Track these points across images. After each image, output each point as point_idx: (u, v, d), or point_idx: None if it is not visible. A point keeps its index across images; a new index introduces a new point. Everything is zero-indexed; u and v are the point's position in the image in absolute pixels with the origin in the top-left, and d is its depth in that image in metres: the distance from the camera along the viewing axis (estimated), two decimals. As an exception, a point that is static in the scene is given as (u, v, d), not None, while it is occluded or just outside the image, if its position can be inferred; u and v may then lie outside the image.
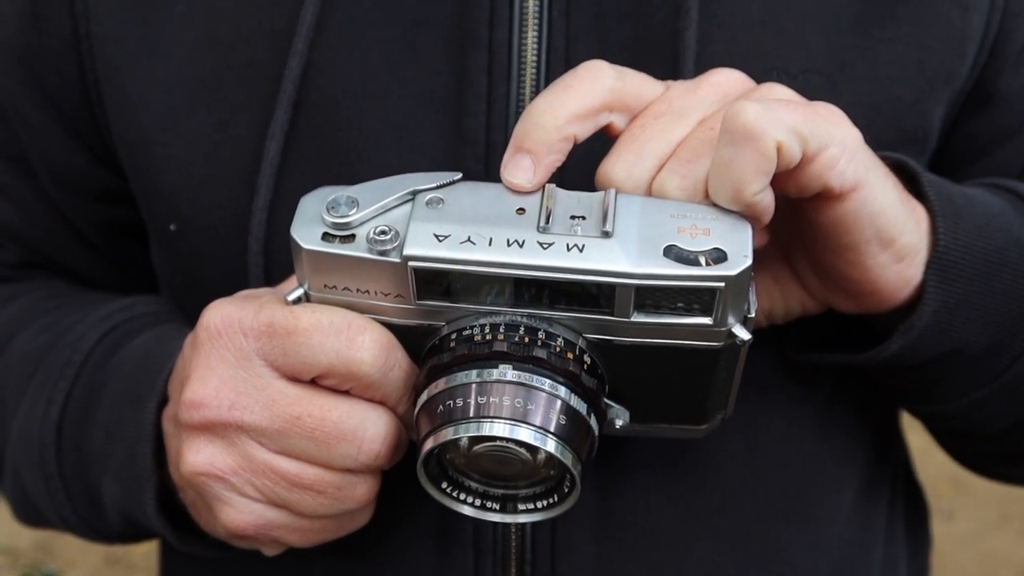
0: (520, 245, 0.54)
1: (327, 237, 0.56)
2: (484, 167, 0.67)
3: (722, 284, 0.53)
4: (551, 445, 0.55)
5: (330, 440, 0.58)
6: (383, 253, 0.55)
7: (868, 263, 0.61)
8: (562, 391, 0.55)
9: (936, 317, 0.64)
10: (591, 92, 0.57)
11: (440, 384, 0.56)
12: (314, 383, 0.59)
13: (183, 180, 0.71)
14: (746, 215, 0.56)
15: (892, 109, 0.69)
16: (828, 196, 0.57)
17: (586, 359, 0.57)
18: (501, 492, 0.59)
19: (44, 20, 0.74)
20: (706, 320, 0.55)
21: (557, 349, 0.56)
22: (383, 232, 0.55)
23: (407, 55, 0.68)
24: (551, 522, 0.71)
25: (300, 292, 0.58)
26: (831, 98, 0.59)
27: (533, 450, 0.56)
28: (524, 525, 0.72)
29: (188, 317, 0.76)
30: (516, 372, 0.55)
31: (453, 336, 0.57)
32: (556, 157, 0.57)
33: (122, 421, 0.70)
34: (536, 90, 0.67)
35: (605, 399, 0.59)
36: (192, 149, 0.71)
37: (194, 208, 0.71)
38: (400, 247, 0.55)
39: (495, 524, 0.71)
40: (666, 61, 0.67)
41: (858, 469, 0.79)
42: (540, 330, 0.56)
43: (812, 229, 0.60)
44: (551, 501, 0.59)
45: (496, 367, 0.55)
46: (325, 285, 0.57)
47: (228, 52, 0.70)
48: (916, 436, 0.89)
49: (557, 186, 0.57)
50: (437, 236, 0.54)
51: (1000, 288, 0.66)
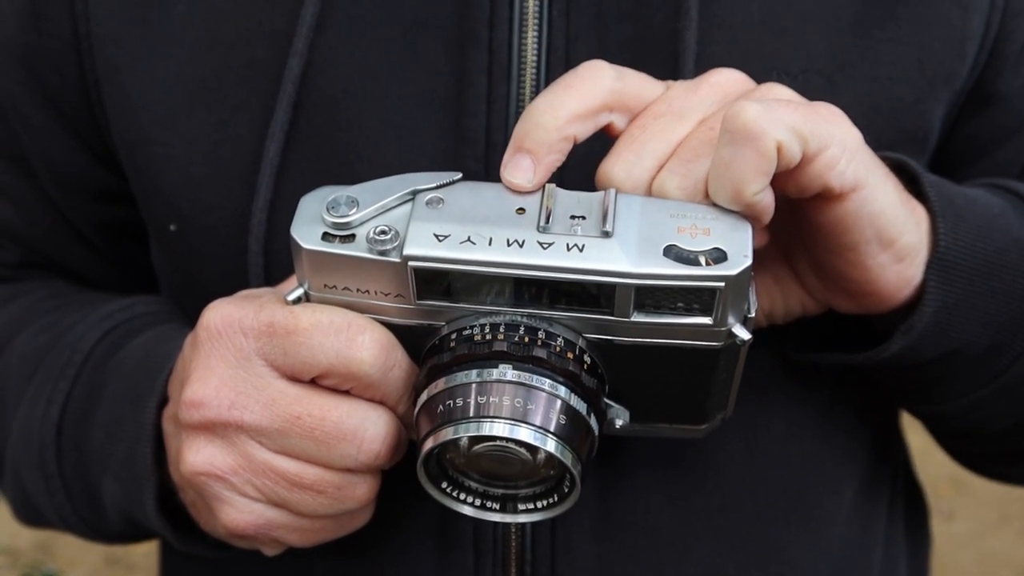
0: (520, 245, 0.54)
1: (327, 237, 0.56)
2: (484, 167, 0.67)
3: (722, 284, 0.53)
4: (551, 445, 0.55)
5: (330, 440, 0.58)
6: (383, 253, 0.55)
7: (868, 263, 0.61)
8: (562, 391, 0.55)
9: (936, 317, 0.64)
10: (591, 92, 0.57)
11: (440, 384, 0.56)
12: (314, 383, 0.59)
13: (183, 180, 0.71)
14: (746, 215, 0.55)
15: (892, 109, 0.69)
16: (828, 196, 0.57)
17: (586, 359, 0.57)
18: (501, 492, 0.59)
19: (44, 20, 0.74)
20: (706, 320, 0.55)
21: (557, 349, 0.56)
22: (383, 232, 0.55)
23: (407, 55, 0.68)
24: (551, 522, 0.71)
25: (300, 292, 0.58)
26: (831, 98, 0.59)
27: (533, 450, 0.56)
28: (524, 525, 0.72)
29: (188, 317, 0.76)
30: (516, 372, 0.55)
31: (453, 336, 0.57)
32: (556, 157, 0.57)
33: (122, 421, 0.70)
34: (536, 90, 0.67)
35: (605, 399, 0.59)
36: (192, 149, 0.71)
37: (194, 208, 0.71)
38: (400, 247, 0.55)
39: (495, 524, 0.71)
40: (666, 61, 0.67)
41: (858, 469, 0.79)
42: (540, 330, 0.56)
43: (812, 229, 0.60)
44: (551, 501, 0.59)
45: (496, 367, 0.55)
46: (325, 285, 0.57)
47: (228, 52, 0.70)
48: (916, 436, 0.89)
49: (557, 186, 0.57)
50: (437, 236, 0.54)
51: (1000, 288, 0.66)
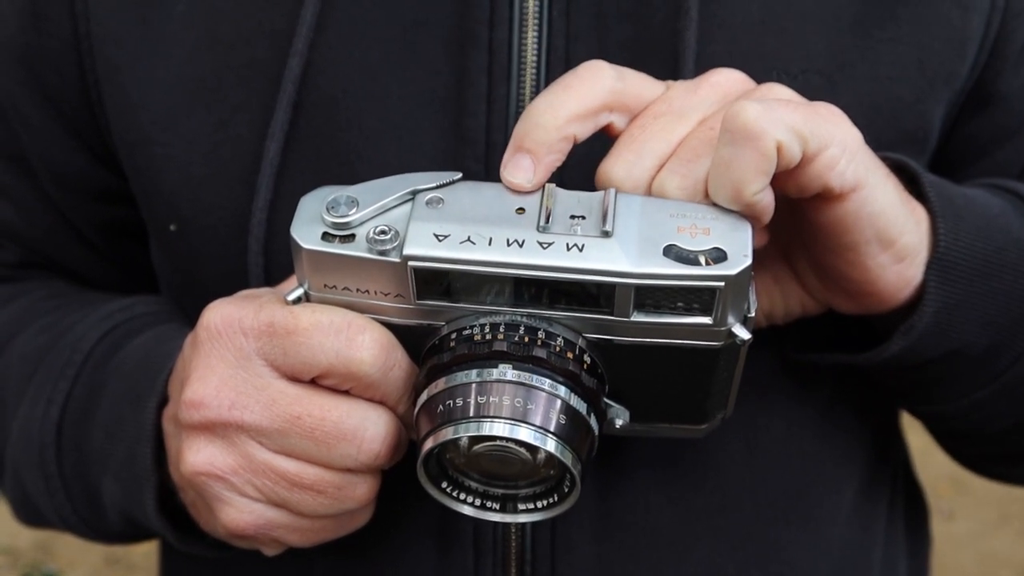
0: (520, 245, 0.54)
1: (327, 237, 0.56)
2: (484, 167, 0.67)
3: (722, 284, 0.53)
4: (551, 445, 0.55)
5: (330, 440, 0.58)
6: (383, 253, 0.55)
7: (868, 263, 0.61)
8: (562, 391, 0.55)
9: (936, 318, 0.64)
10: (591, 92, 0.57)
11: (440, 384, 0.56)
12: (314, 383, 0.59)
13: (183, 180, 0.71)
14: (746, 215, 0.55)
15: (892, 109, 0.69)
16: (828, 196, 0.57)
17: (586, 359, 0.57)
18: (501, 492, 0.59)
19: (44, 20, 0.74)
20: (706, 320, 0.55)
21: (557, 349, 0.56)
22: (383, 232, 0.55)
23: (407, 55, 0.68)
24: (551, 522, 0.71)
25: (300, 292, 0.58)
26: (831, 98, 0.59)
27: (533, 450, 0.56)
28: (524, 525, 0.72)
29: (188, 317, 0.76)
30: (516, 372, 0.55)
31: (453, 336, 0.57)
32: (556, 157, 0.57)
33: (122, 421, 0.70)
34: (536, 90, 0.67)
35: (605, 399, 0.59)
36: (192, 149, 0.71)
37: (194, 208, 0.71)
38: (400, 247, 0.55)
39: (495, 524, 0.71)
40: (666, 61, 0.66)
41: (858, 469, 0.79)
42: (540, 330, 0.56)
43: (812, 229, 0.60)
44: (551, 501, 0.59)
45: (496, 367, 0.55)
46: (325, 285, 0.57)
47: (228, 52, 0.70)
48: (916, 436, 0.89)
49: (557, 186, 0.57)
50: (437, 236, 0.54)
51: (1000, 289, 0.66)
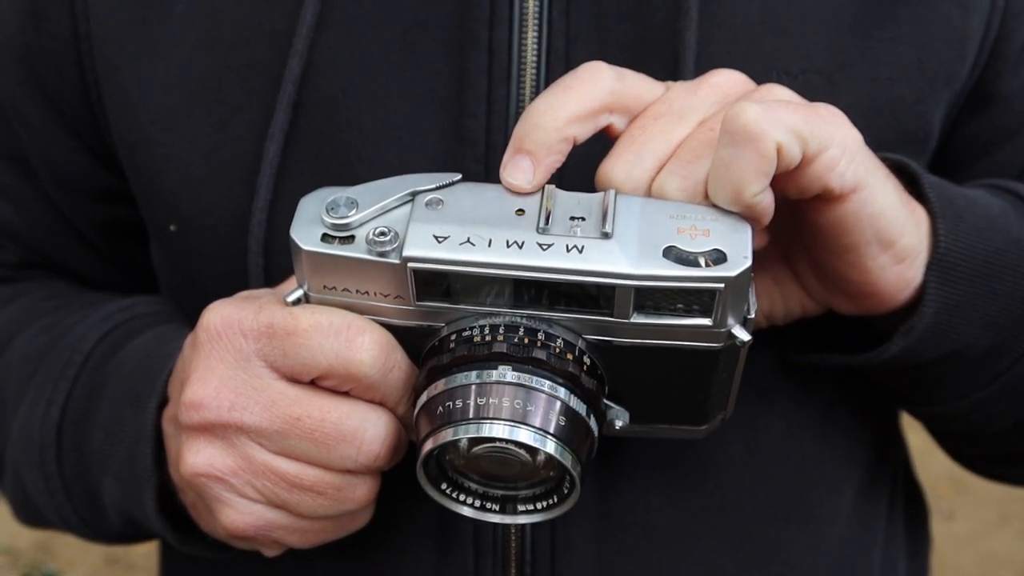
0: (519, 246, 0.54)
1: (326, 238, 0.56)
2: (484, 168, 0.67)
3: (722, 285, 0.53)
4: (551, 446, 0.55)
5: (330, 441, 0.58)
6: (382, 254, 0.55)
7: (868, 264, 0.61)
8: (561, 392, 0.55)
9: (936, 319, 0.64)
10: (591, 93, 0.57)
11: (440, 385, 0.56)
12: (314, 384, 0.59)
13: (183, 180, 0.71)
14: (746, 216, 0.55)
15: (892, 110, 0.69)
16: (828, 197, 0.57)
17: (586, 360, 0.57)
18: (501, 493, 0.59)
19: (44, 20, 0.74)
20: (706, 321, 0.55)
21: (557, 350, 0.56)
22: (382, 233, 0.55)
23: (407, 55, 0.68)
24: (551, 522, 0.71)
25: (300, 293, 0.58)
26: (831, 99, 0.59)
27: (533, 451, 0.56)
28: (524, 526, 0.72)
29: (188, 317, 0.76)
30: (516, 373, 0.55)
31: (453, 337, 0.57)
32: (556, 158, 0.57)
33: (122, 422, 0.70)
34: (536, 91, 0.67)
35: (605, 400, 0.59)
36: (192, 149, 0.71)
37: (194, 208, 0.71)
38: (399, 248, 0.55)
39: (495, 525, 0.71)
40: (666, 62, 0.66)
41: (858, 469, 0.79)
42: (540, 331, 0.56)
43: (812, 230, 0.60)
44: (551, 502, 0.59)
45: (496, 368, 0.55)
46: (324, 286, 0.57)
47: (228, 52, 0.70)
48: (916, 436, 0.89)
49: (557, 187, 0.57)
50: (436, 237, 0.54)
51: (1001, 290, 0.66)
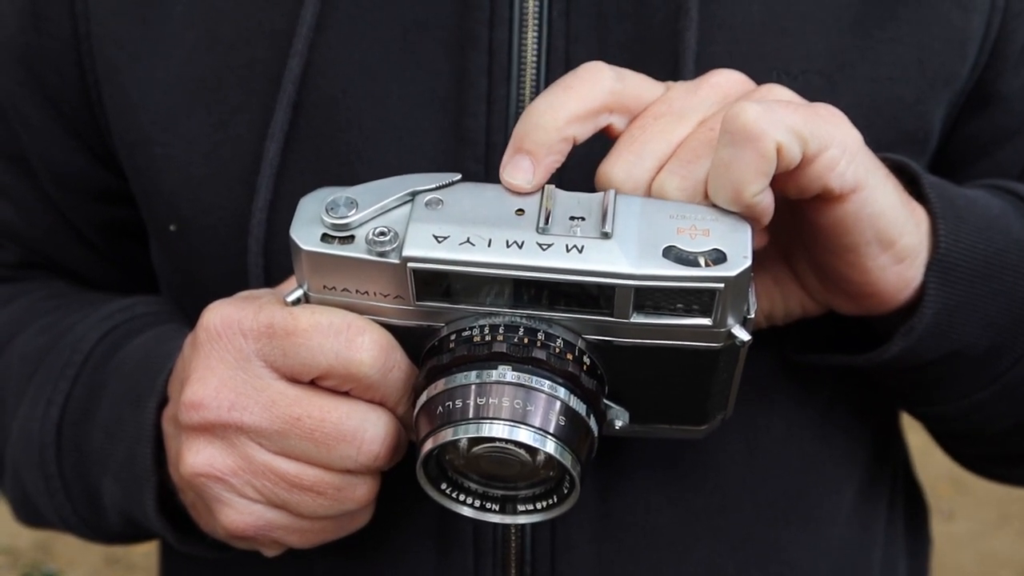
0: (519, 246, 0.54)
1: (326, 238, 0.56)
2: (484, 168, 0.67)
3: (721, 285, 0.53)
4: (550, 446, 0.55)
5: (329, 441, 0.58)
6: (382, 254, 0.55)
7: (868, 264, 0.61)
8: (561, 392, 0.55)
9: (937, 319, 0.64)
10: (591, 93, 0.57)
11: (439, 385, 0.56)
12: (314, 384, 0.59)
13: (183, 180, 0.71)
14: (746, 216, 0.55)
15: (892, 110, 0.69)
16: (828, 197, 0.57)
17: (585, 360, 0.57)
18: (501, 493, 0.59)
19: (44, 20, 0.74)
20: (706, 321, 0.55)
21: (556, 350, 0.56)
22: (382, 233, 0.55)
23: (407, 56, 0.68)
24: (551, 522, 0.71)
25: (299, 293, 0.58)
26: (831, 99, 0.59)
27: (532, 451, 0.56)
28: (524, 526, 0.72)
29: (188, 317, 0.76)
30: (515, 373, 0.55)
31: (452, 337, 0.57)
32: (555, 158, 0.57)
33: (122, 421, 0.70)
34: (536, 91, 0.67)
35: (605, 400, 0.59)
36: (192, 149, 0.71)
37: (194, 208, 0.71)
38: (399, 248, 0.55)
39: (495, 525, 0.71)
40: (666, 62, 0.66)
41: (858, 469, 0.79)
42: (539, 331, 0.56)
43: (812, 230, 0.60)
44: (551, 502, 0.59)
45: (495, 368, 0.55)
46: (324, 286, 0.57)
47: (228, 52, 0.70)
48: (916, 436, 0.89)
49: (556, 187, 0.57)
50: (436, 237, 0.54)
51: (1001, 290, 0.66)
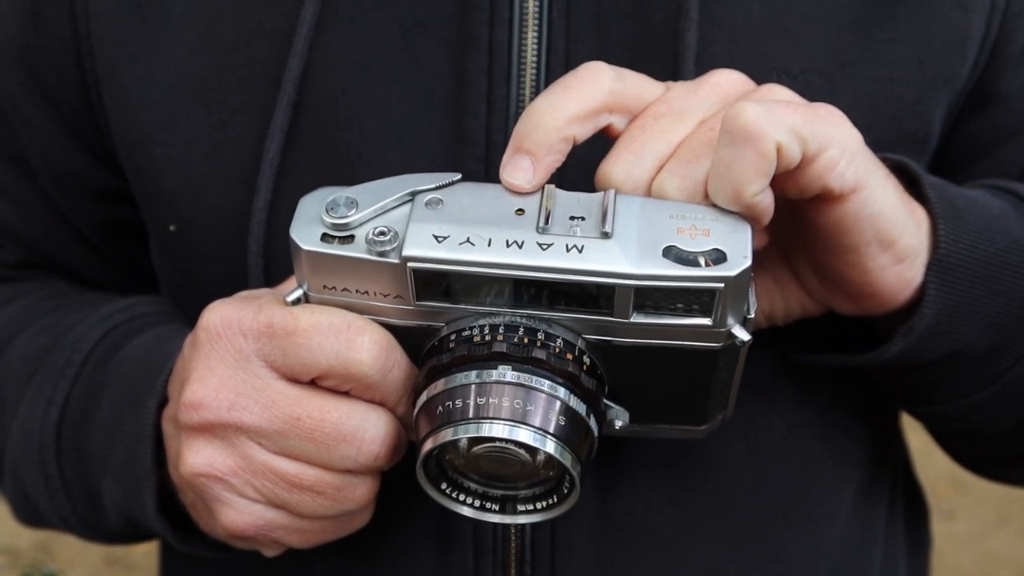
0: (519, 246, 0.54)
1: (326, 238, 0.56)
2: (484, 168, 0.67)
3: (721, 285, 0.53)
4: (550, 446, 0.55)
5: (329, 441, 0.58)
6: (382, 254, 0.55)
7: (868, 265, 0.61)
8: (561, 392, 0.55)
9: (937, 319, 0.64)
10: (591, 93, 0.57)
11: (439, 385, 0.56)
12: (314, 384, 0.59)
13: (183, 180, 0.71)
14: (746, 216, 0.55)
15: (892, 110, 0.69)
16: (828, 197, 0.57)
17: (585, 360, 0.57)
18: (500, 493, 0.59)
19: (44, 20, 0.74)
20: (706, 321, 0.55)
21: (556, 350, 0.56)
22: (382, 233, 0.55)
23: (407, 56, 0.68)
24: (551, 522, 0.71)
25: (299, 293, 0.58)
26: (831, 99, 0.59)
27: (532, 451, 0.56)
28: (524, 526, 0.72)
29: (188, 317, 0.76)
30: (515, 373, 0.55)
31: (452, 337, 0.57)
32: (555, 158, 0.57)
33: (122, 421, 0.70)
34: (536, 91, 0.67)
35: (605, 400, 0.59)
36: (192, 149, 0.71)
37: (194, 208, 0.71)
38: (399, 248, 0.55)
39: (495, 525, 0.71)
40: (666, 62, 0.66)
41: (858, 470, 0.79)
42: (539, 331, 0.56)
43: (812, 230, 0.60)
44: (551, 502, 0.59)
45: (495, 368, 0.55)
46: (324, 286, 0.57)
47: (228, 52, 0.70)
48: (916, 436, 0.89)
49: (556, 187, 0.57)
50: (436, 237, 0.54)
51: (1001, 290, 0.66)
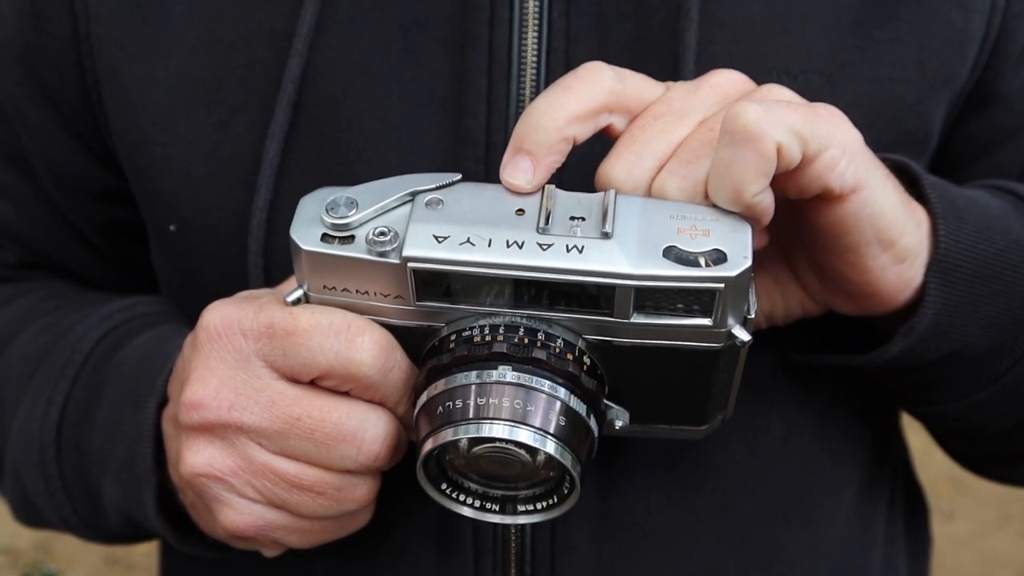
0: (519, 246, 0.54)
1: (326, 238, 0.56)
2: (484, 168, 0.67)
3: (722, 285, 0.53)
4: (550, 446, 0.55)
5: (330, 441, 0.58)
6: (382, 254, 0.55)
7: (868, 265, 0.61)
8: (561, 392, 0.55)
9: (937, 319, 0.64)
10: (591, 93, 0.57)
11: (440, 385, 0.56)
12: (314, 384, 0.59)
13: (183, 180, 0.71)
14: (746, 216, 0.55)
15: (892, 110, 0.69)
16: (828, 197, 0.57)
17: (586, 360, 0.57)
18: (501, 493, 0.59)
19: (44, 20, 0.74)
20: (706, 321, 0.55)
21: (557, 350, 0.56)
22: (382, 233, 0.55)
23: (407, 56, 0.68)
24: (551, 523, 0.71)
25: (299, 293, 0.58)
26: (831, 99, 0.59)
27: (533, 451, 0.56)
28: (524, 526, 0.72)
29: (188, 317, 0.76)
30: (515, 373, 0.55)
31: (452, 337, 0.57)
32: (556, 158, 0.57)
33: (122, 421, 0.70)
34: (536, 91, 0.67)
35: (605, 400, 0.59)
36: (192, 149, 0.71)
37: (194, 208, 0.71)
38: (399, 248, 0.55)
39: (495, 525, 0.71)
40: (666, 62, 0.66)
41: (858, 470, 0.79)
42: (540, 331, 0.56)
43: (812, 231, 0.60)
44: (551, 502, 0.59)
45: (495, 368, 0.55)
46: (324, 286, 0.57)
47: (228, 52, 0.70)
48: (916, 436, 0.89)
49: (557, 187, 0.57)
50: (436, 237, 0.54)
51: (1001, 290, 0.66)
